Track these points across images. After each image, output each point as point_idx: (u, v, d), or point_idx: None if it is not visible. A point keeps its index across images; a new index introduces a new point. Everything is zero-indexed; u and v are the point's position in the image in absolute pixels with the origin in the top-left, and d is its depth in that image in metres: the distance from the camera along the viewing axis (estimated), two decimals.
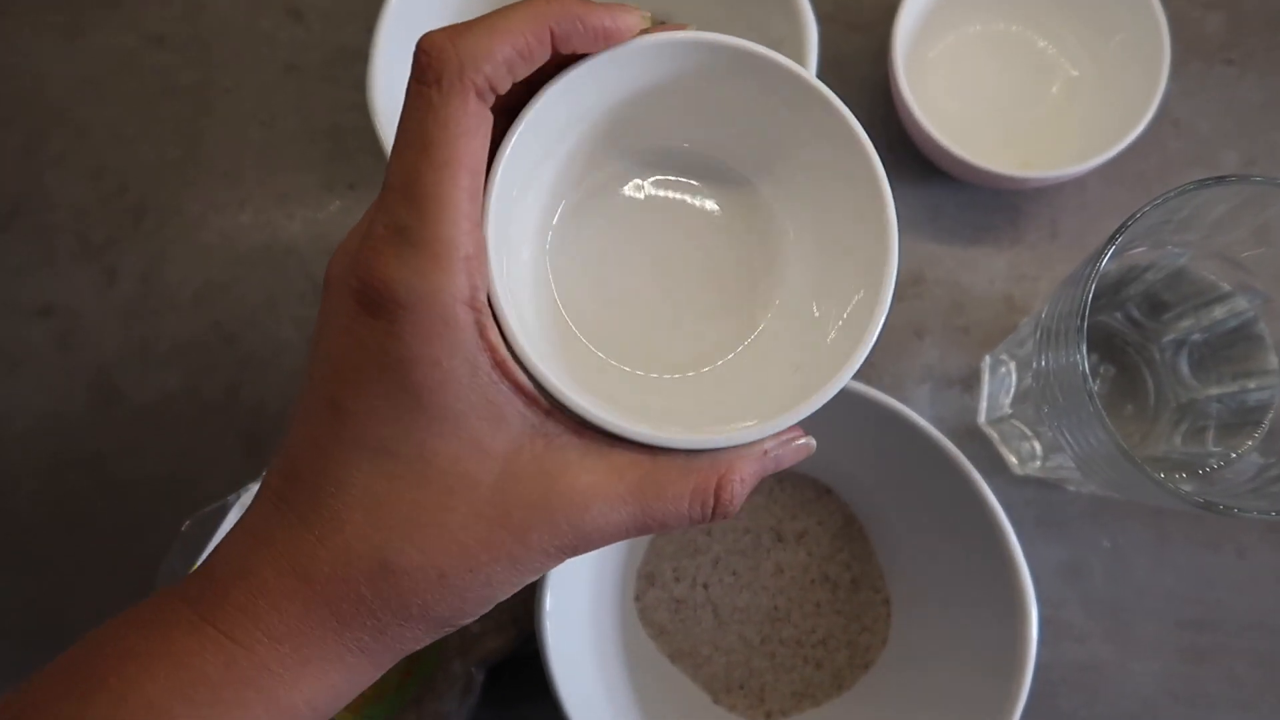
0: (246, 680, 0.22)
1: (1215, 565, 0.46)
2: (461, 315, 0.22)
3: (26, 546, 0.48)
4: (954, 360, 0.49)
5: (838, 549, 0.45)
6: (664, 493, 0.24)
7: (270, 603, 0.22)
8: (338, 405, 0.22)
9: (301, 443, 0.23)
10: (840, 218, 0.27)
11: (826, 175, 0.26)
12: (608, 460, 0.24)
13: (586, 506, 0.23)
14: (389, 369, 0.22)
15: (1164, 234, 0.37)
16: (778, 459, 0.25)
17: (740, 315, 0.28)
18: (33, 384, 0.49)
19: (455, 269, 0.22)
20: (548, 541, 0.23)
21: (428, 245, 0.21)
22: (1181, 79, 0.50)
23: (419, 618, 0.23)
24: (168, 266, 0.50)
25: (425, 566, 0.22)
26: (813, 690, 0.44)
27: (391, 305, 0.21)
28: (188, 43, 0.53)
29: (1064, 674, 0.46)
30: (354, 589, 0.22)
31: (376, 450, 0.22)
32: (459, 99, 0.22)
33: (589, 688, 0.39)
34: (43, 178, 0.51)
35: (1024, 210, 0.50)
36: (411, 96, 0.22)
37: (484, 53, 0.22)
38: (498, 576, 0.23)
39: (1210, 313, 0.40)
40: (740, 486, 0.24)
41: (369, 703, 0.41)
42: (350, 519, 0.22)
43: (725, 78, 0.26)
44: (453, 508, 0.23)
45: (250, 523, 0.24)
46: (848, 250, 0.26)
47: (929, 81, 0.49)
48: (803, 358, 0.26)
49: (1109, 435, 0.32)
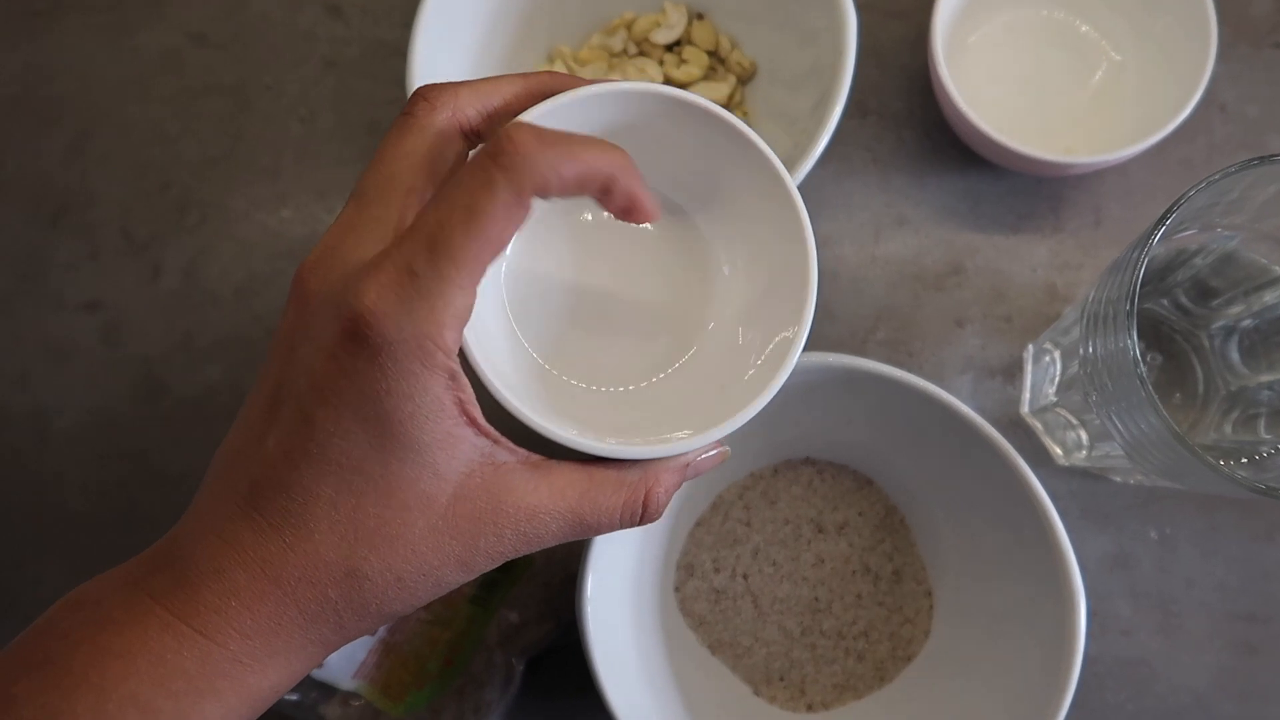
0: (220, 671, 0.24)
1: (1267, 557, 0.45)
2: (440, 361, 0.24)
3: (73, 538, 0.49)
4: (996, 350, 0.48)
5: (879, 540, 0.44)
6: (599, 506, 0.27)
7: (242, 603, 0.24)
8: (313, 423, 0.24)
9: (271, 453, 0.25)
10: (768, 258, 0.29)
11: (757, 218, 0.29)
12: (549, 480, 0.27)
13: (530, 519, 0.26)
14: (366, 397, 0.24)
15: (1213, 216, 0.36)
16: (696, 468, 0.29)
17: (675, 337, 0.30)
18: (79, 378, 0.50)
19: (447, 324, 0.24)
20: (493, 547, 0.26)
21: (435, 297, 0.23)
22: (1229, 62, 0.49)
23: (375, 614, 0.26)
24: (210, 261, 0.51)
25: (385, 572, 0.25)
26: (854, 682, 0.43)
27: (379, 341, 0.23)
28: (229, 41, 0.53)
29: (1110, 667, 0.45)
30: (322, 592, 0.25)
31: (345, 468, 0.24)
32: (521, 201, 0.23)
33: (630, 676, 0.39)
34: (89, 176, 0.52)
35: (1066, 198, 0.49)
36: (477, 168, 0.23)
37: (559, 173, 0.23)
38: (447, 577, 0.26)
39: (1261, 297, 0.39)
40: (664, 496, 0.28)
41: (410, 691, 0.42)
42: (319, 528, 0.25)
43: (661, 122, 0.28)
44: (411, 523, 0.25)
45: (215, 524, 0.25)
46: (774, 288, 0.29)
47: (969, 68, 0.49)
48: (729, 380, 0.29)
49: (1161, 420, 0.32)
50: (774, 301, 0.29)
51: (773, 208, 0.28)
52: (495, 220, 0.23)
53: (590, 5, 0.50)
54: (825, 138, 0.41)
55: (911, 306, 0.49)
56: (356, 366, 0.24)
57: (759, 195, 0.28)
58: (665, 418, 0.29)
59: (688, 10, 0.49)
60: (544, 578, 0.44)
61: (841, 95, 0.41)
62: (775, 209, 0.28)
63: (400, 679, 0.42)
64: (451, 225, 0.23)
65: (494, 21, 0.47)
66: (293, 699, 0.41)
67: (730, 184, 0.29)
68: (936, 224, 0.49)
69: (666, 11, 0.49)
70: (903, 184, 0.50)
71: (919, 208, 0.50)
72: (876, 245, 0.49)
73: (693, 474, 0.29)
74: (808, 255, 0.27)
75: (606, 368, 0.30)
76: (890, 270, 0.49)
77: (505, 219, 0.23)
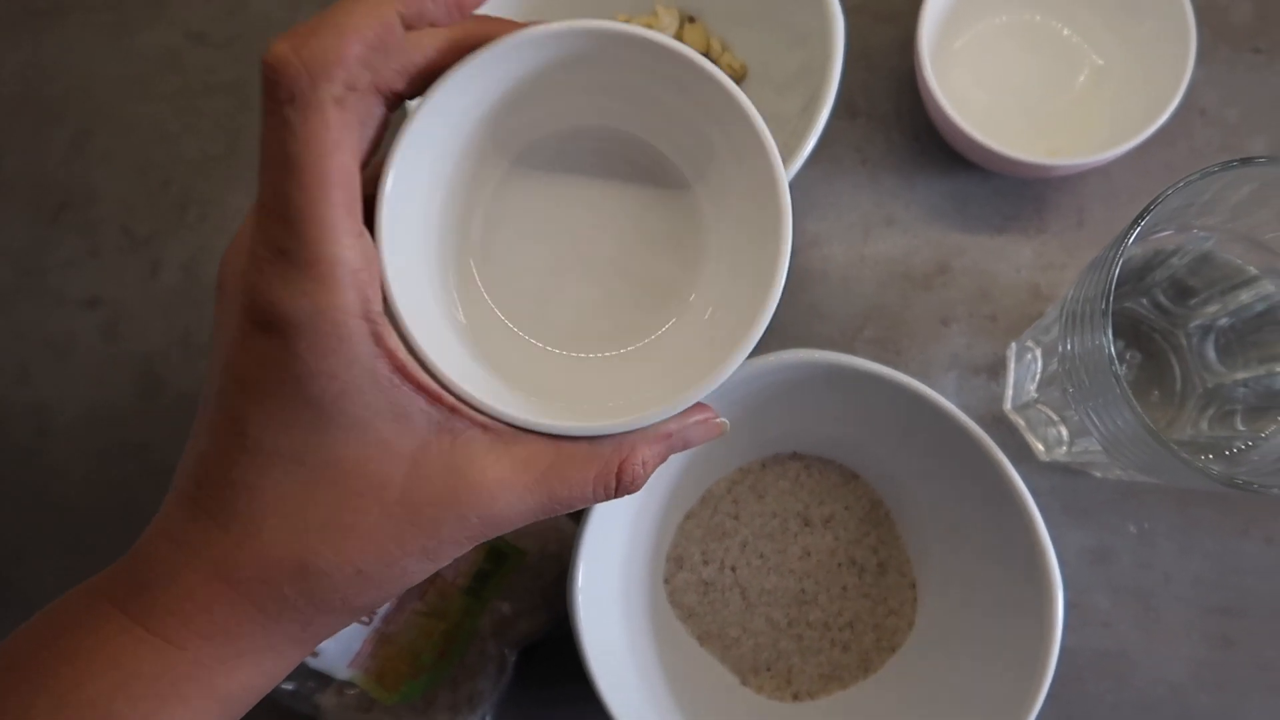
0: (183, 675, 0.23)
1: (1243, 552, 0.46)
2: (354, 327, 0.22)
3: (74, 532, 0.50)
4: (980, 348, 0.49)
5: (865, 533, 0.45)
6: (569, 479, 0.25)
7: (197, 605, 0.23)
8: (242, 418, 0.23)
9: (210, 452, 0.24)
10: (746, 225, 0.27)
11: (737, 177, 0.27)
12: (513, 452, 0.24)
13: (494, 498, 0.24)
14: (288, 383, 0.22)
15: (1188, 217, 0.37)
16: (685, 439, 0.26)
17: (656, 306, 0.29)
18: (80, 374, 0.51)
19: (342, 285, 0.22)
20: (458, 533, 0.24)
21: (311, 266, 0.21)
22: (1208, 67, 0.50)
23: (341, 609, 0.24)
24: (210, 258, 0.52)
25: (342, 565, 0.24)
26: (840, 673, 0.44)
27: (282, 324, 0.22)
28: (229, 40, 0.54)
29: (1090, 659, 0.46)
30: (277, 590, 0.24)
31: (285, 459, 0.23)
32: (316, 114, 0.21)
33: (620, 666, 0.39)
34: (90, 173, 0.53)
35: (1050, 199, 0.50)
36: (267, 115, 0.21)
37: (334, 59, 0.21)
38: (412, 568, 0.24)
39: (1237, 297, 0.40)
40: (642, 468, 0.26)
41: (405, 681, 0.43)
42: (266, 524, 0.23)
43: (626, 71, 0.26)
44: (364, 509, 0.23)
45: (166, 527, 0.25)
46: (747, 267, 0.27)
47: (955, 71, 0.50)
48: (701, 352, 0.27)
49: (1136, 416, 0.33)
50: (747, 262, 0.27)
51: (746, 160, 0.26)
52: (316, 158, 0.21)
53: (582, 8, 0.50)
54: (814, 138, 0.42)
55: (899, 305, 0.50)
56: (271, 355, 0.22)
57: (733, 145, 0.26)
58: (643, 385, 0.27)
59: (680, 13, 0.50)
60: (537, 569, 0.44)
61: (830, 96, 0.42)
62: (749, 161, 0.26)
63: (395, 669, 0.43)
64: (284, 188, 0.21)
65: None
66: (288, 688, 0.42)
67: (711, 137, 0.27)
68: (924, 224, 0.50)
69: (659, 14, 0.50)
70: (891, 185, 0.51)
71: (907, 208, 0.51)
72: (865, 245, 0.50)
73: (681, 445, 0.27)
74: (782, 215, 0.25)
75: (584, 334, 0.29)
76: (879, 270, 0.50)
77: (326, 150, 0.21)
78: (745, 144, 0.26)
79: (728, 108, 0.25)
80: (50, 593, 0.26)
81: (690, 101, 0.26)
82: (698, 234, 0.29)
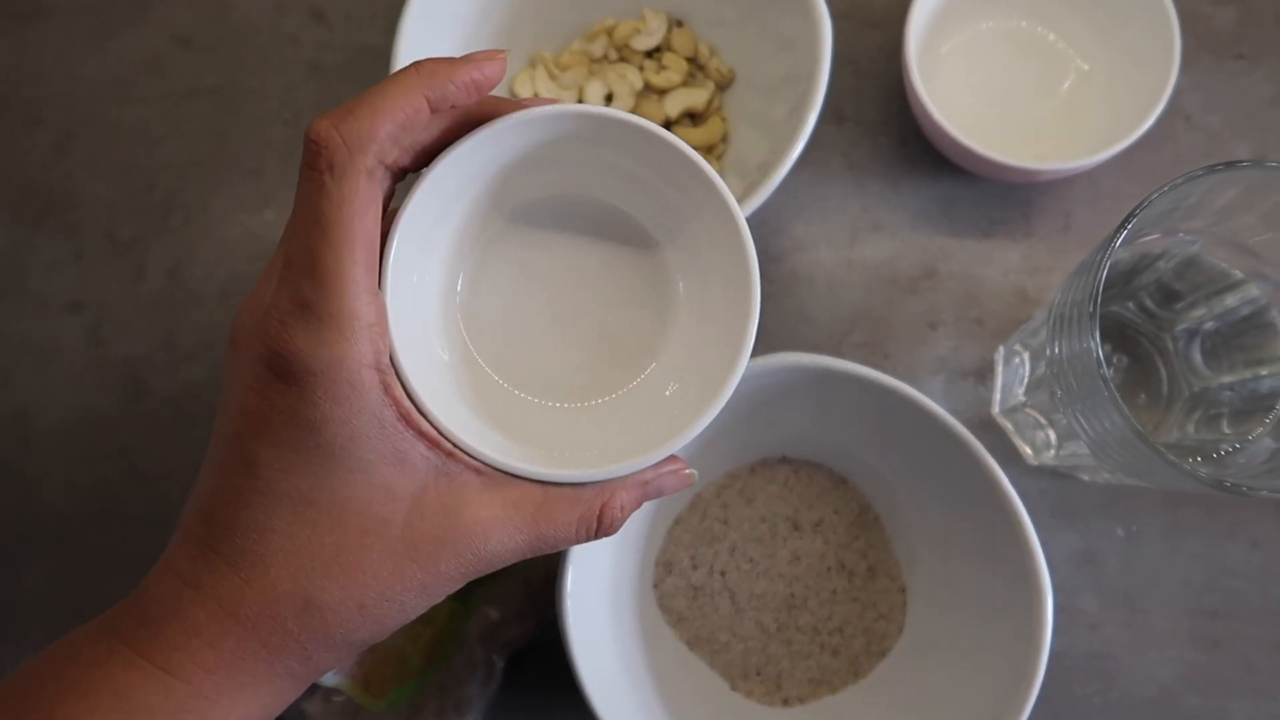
0: (184, 707, 0.24)
1: (1230, 555, 0.47)
2: (366, 378, 0.24)
3: (56, 537, 0.49)
4: (968, 352, 0.49)
5: (854, 537, 0.45)
6: (555, 520, 0.27)
7: (203, 640, 0.25)
8: (255, 461, 0.25)
9: (221, 492, 0.25)
10: (717, 285, 0.29)
11: (708, 244, 0.29)
12: (504, 494, 0.27)
13: (487, 536, 0.26)
14: (302, 429, 0.24)
15: (1174, 221, 0.37)
16: (659, 488, 0.29)
17: (633, 358, 0.31)
18: (63, 378, 0.51)
19: (358, 337, 0.24)
20: (454, 569, 0.26)
21: (332, 319, 0.24)
22: (1192, 73, 0.51)
23: (341, 644, 0.26)
24: (194, 263, 0.51)
25: (346, 601, 0.25)
26: (829, 677, 0.44)
27: (301, 373, 0.24)
28: (213, 44, 0.54)
29: (1078, 662, 0.46)
30: (281, 625, 0.25)
31: (294, 500, 0.25)
32: (350, 182, 0.24)
33: (609, 672, 0.39)
34: (73, 176, 0.52)
35: (1037, 204, 0.50)
36: (305, 181, 0.24)
37: (368, 135, 0.24)
38: (410, 602, 0.26)
39: (1223, 301, 0.40)
40: (620, 512, 0.28)
41: (392, 687, 0.42)
42: (274, 562, 0.25)
43: (609, 147, 0.28)
44: (368, 547, 0.25)
45: (175, 565, 0.26)
46: (719, 314, 0.29)
47: (942, 77, 0.50)
48: (677, 403, 0.29)
49: (1123, 418, 0.33)
50: (720, 321, 0.29)
51: (717, 228, 0.29)
52: (347, 219, 0.24)
53: (571, 12, 0.50)
54: (800, 143, 0.42)
55: (886, 309, 0.50)
56: (287, 402, 0.24)
57: (705, 215, 0.29)
58: (621, 434, 0.29)
59: (668, 17, 0.50)
60: (524, 575, 0.44)
61: (817, 101, 0.42)
62: (720, 230, 0.29)
63: (382, 675, 0.42)
64: (315, 246, 0.24)
65: (476, 27, 0.48)
66: None
67: (683, 207, 0.30)
68: (911, 229, 0.51)
69: (647, 18, 0.50)
70: (878, 190, 0.51)
71: (894, 213, 0.51)
72: (852, 249, 0.50)
73: (654, 493, 0.29)
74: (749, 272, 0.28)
75: (565, 383, 0.31)
76: (865, 274, 0.50)
77: (355, 213, 0.24)
78: (713, 212, 0.28)
79: (693, 177, 0.28)
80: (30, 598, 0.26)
81: (662, 174, 0.29)
82: (672, 293, 0.31)
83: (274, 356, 0.24)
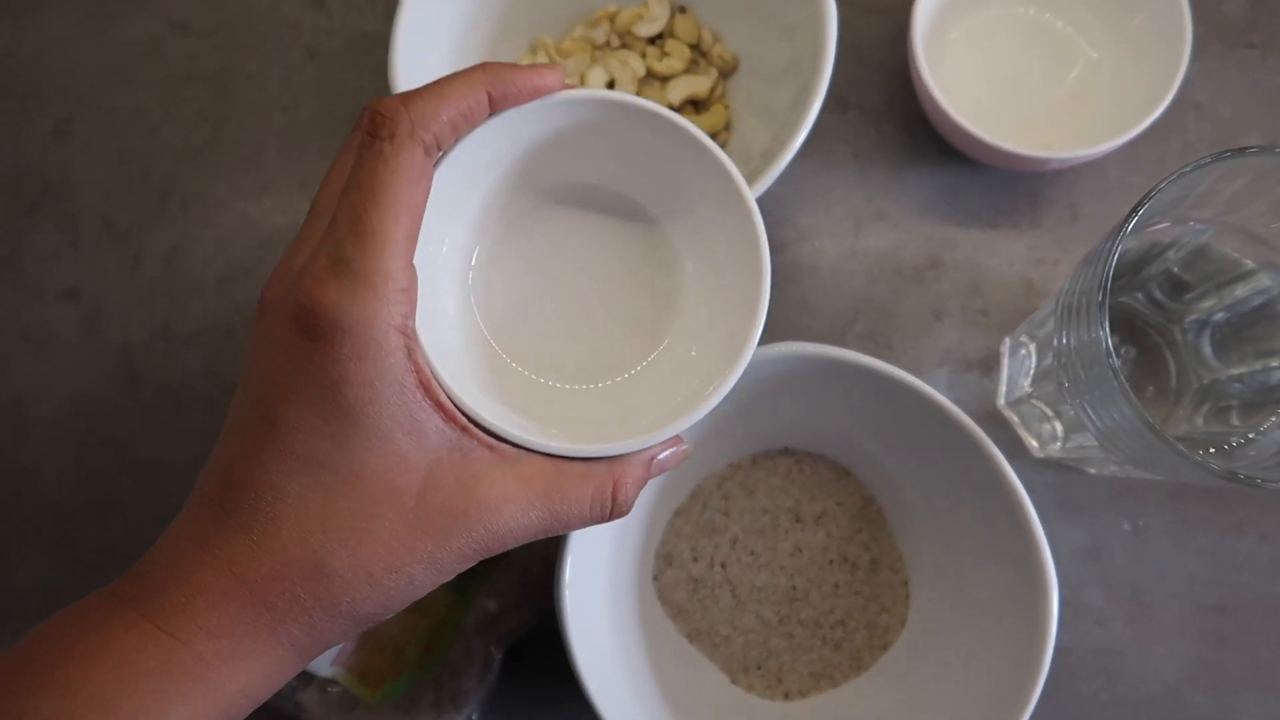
0: (186, 672, 0.24)
1: (1238, 550, 0.46)
2: (393, 340, 0.24)
3: (52, 526, 0.49)
4: (973, 343, 0.49)
5: (857, 530, 0.45)
6: (566, 497, 0.27)
7: (208, 601, 0.24)
8: (275, 421, 0.25)
9: (239, 454, 0.25)
10: (727, 270, 0.30)
11: (718, 225, 0.30)
12: (516, 470, 0.27)
13: (499, 512, 0.26)
14: (325, 388, 0.24)
15: (1184, 209, 0.37)
16: (661, 464, 0.29)
17: (642, 338, 0.32)
18: (59, 366, 0.50)
19: (391, 298, 0.24)
20: (465, 544, 0.26)
21: (368, 276, 0.24)
22: (1203, 62, 0.50)
23: (347, 615, 0.26)
24: (191, 250, 0.51)
25: (355, 568, 0.25)
26: (831, 671, 0.43)
27: (330, 329, 0.24)
28: (212, 29, 0.53)
29: (1083, 657, 0.46)
30: (289, 589, 0.25)
31: (311, 463, 0.25)
32: (409, 152, 0.25)
33: (608, 665, 0.39)
34: (69, 163, 0.52)
35: (1043, 194, 0.50)
36: (364, 149, 0.25)
37: (432, 115, 0.25)
38: (419, 576, 0.26)
39: (1233, 291, 0.39)
40: (631, 489, 0.28)
41: (388, 679, 0.42)
42: (286, 525, 0.25)
43: (622, 129, 0.29)
44: (380, 515, 0.25)
45: (185, 528, 0.26)
46: (731, 291, 0.30)
47: (948, 64, 0.49)
48: (687, 380, 0.30)
49: (1133, 408, 0.32)
50: (731, 304, 0.30)
51: (730, 215, 0.29)
52: (401, 186, 0.24)
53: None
54: (804, 131, 0.41)
55: (890, 300, 0.49)
56: (313, 360, 0.24)
57: (718, 202, 0.29)
58: (630, 414, 0.29)
59: (670, 4, 0.49)
60: (522, 565, 0.44)
61: (821, 89, 0.42)
62: (733, 216, 0.29)
63: (378, 666, 0.42)
64: (364, 206, 0.24)
65: (476, 13, 0.47)
66: None
67: (696, 193, 0.30)
68: (916, 218, 0.50)
69: (649, 5, 0.49)
70: (882, 178, 0.50)
71: (898, 202, 0.50)
72: (856, 239, 0.50)
73: (657, 470, 0.29)
74: (761, 259, 0.29)
75: (574, 365, 0.31)
76: (870, 264, 0.50)
77: (409, 181, 0.25)
78: (726, 198, 0.29)
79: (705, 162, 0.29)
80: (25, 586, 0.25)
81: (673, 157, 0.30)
82: (682, 275, 0.32)
83: (304, 311, 0.24)
